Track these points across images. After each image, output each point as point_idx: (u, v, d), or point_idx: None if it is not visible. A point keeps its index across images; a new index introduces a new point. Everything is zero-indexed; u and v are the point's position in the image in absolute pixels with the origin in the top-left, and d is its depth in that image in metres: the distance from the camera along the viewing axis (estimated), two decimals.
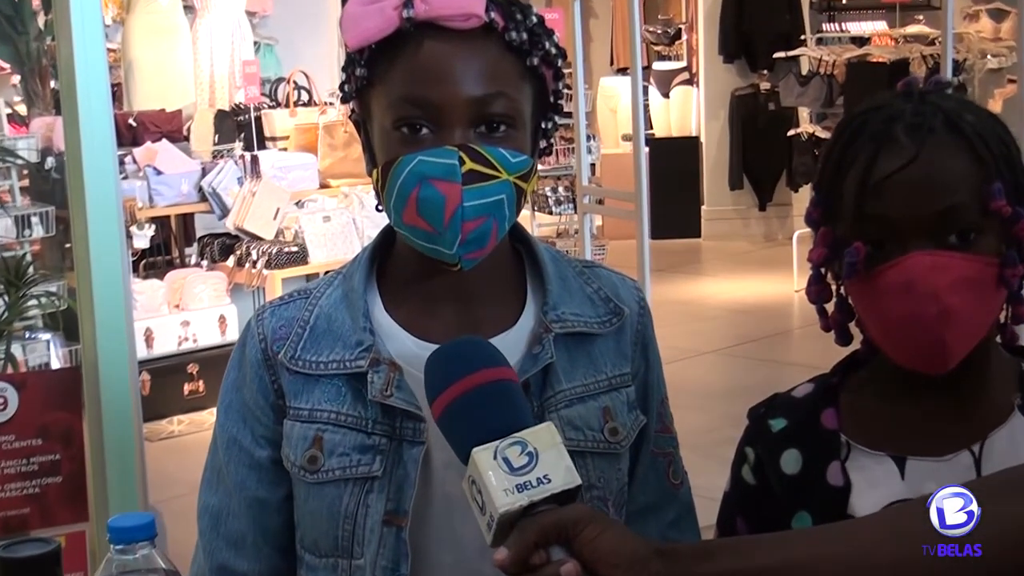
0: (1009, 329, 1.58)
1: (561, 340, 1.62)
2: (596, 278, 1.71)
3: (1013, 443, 1.53)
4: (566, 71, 1.64)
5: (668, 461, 1.75)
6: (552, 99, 1.61)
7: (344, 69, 1.59)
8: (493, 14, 1.51)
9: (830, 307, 1.63)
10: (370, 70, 1.55)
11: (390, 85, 1.53)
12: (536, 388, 1.60)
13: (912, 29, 10.30)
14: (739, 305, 9.50)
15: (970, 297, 1.46)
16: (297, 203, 7.72)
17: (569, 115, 7.55)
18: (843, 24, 11.21)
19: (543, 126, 1.62)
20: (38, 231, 7.30)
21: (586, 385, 1.64)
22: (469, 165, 1.48)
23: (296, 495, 1.63)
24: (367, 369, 1.58)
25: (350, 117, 1.66)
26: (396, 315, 1.63)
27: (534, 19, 1.55)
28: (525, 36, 1.53)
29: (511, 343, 1.58)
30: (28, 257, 6.68)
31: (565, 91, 1.65)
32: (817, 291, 1.61)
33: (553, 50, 1.57)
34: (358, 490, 1.57)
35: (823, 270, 1.60)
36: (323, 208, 7.75)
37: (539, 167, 7.30)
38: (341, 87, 1.62)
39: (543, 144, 1.63)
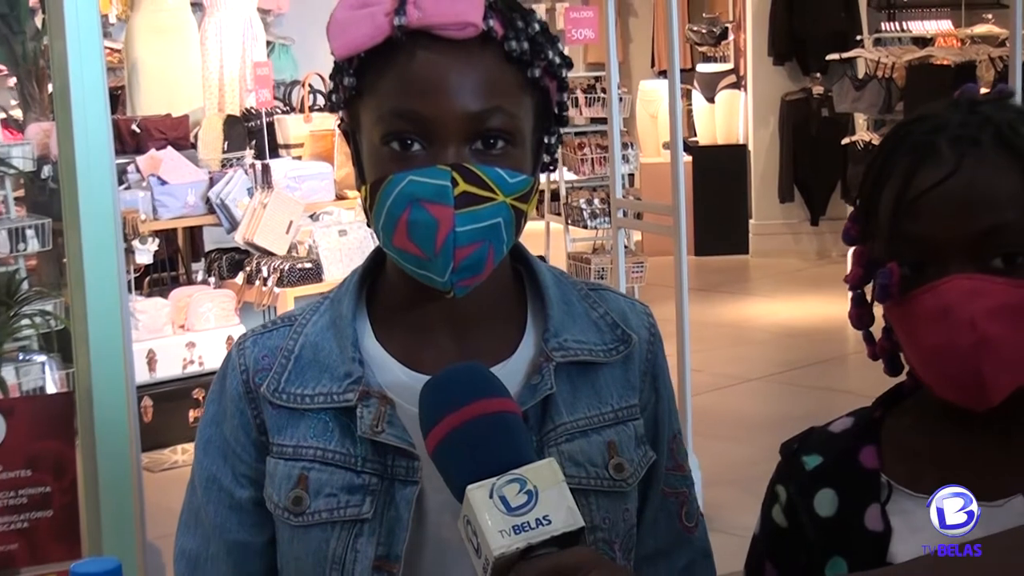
0: None
1: (563, 369, 1.62)
2: (603, 302, 1.70)
3: None
4: (600, 74, 1.63)
5: (681, 502, 1.73)
6: (556, 111, 1.61)
7: (331, 77, 1.59)
8: (492, 22, 1.51)
9: (879, 332, 1.61)
10: (359, 80, 1.54)
11: (380, 97, 1.52)
12: (535, 421, 1.59)
13: (980, 29, 10.30)
14: (789, 328, 9.49)
15: (1014, 327, 1.44)
16: (311, 216, 7.76)
17: (604, 121, 7.57)
18: (904, 23, 11.21)
19: (545, 141, 1.61)
20: (33, 245, 7.34)
21: (589, 418, 1.63)
22: (463, 187, 1.48)
23: (279, 538, 1.62)
24: (356, 403, 1.57)
25: (339, 126, 1.65)
26: (387, 344, 1.63)
27: (536, 27, 1.55)
28: (526, 46, 1.53)
29: (510, 373, 1.58)
30: (22, 273, 6.73)
31: (601, 95, 1.63)
32: (859, 315, 1.60)
33: (557, 60, 1.57)
34: (346, 534, 1.57)
35: (865, 292, 1.59)
36: (339, 221, 7.78)
37: (574, 177, 7.33)
38: (328, 96, 1.62)
39: (546, 159, 1.63)
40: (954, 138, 1.47)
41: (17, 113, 8.88)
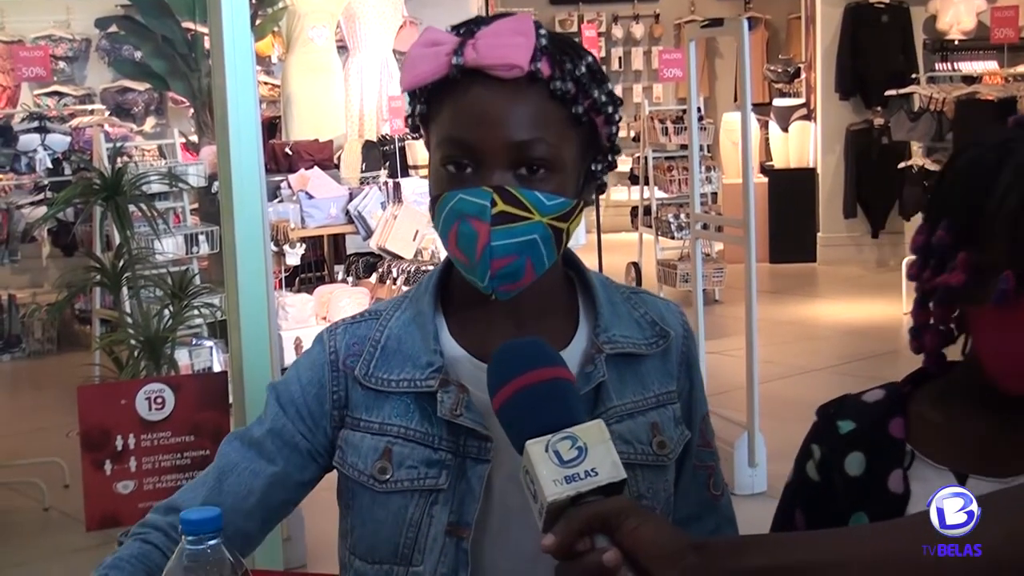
0: None
1: (612, 360, 1.60)
2: (642, 303, 1.69)
3: None
4: (679, 107, 1.57)
5: (709, 473, 1.72)
6: (606, 144, 1.58)
7: (409, 104, 1.59)
8: (540, 64, 1.48)
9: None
10: (428, 108, 1.54)
11: (440, 125, 1.52)
12: (588, 405, 1.56)
13: (1022, 68, 10.05)
14: (850, 326, 9.36)
15: None
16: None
17: (687, 147, 7.56)
18: (955, 64, 10.96)
19: (593, 168, 1.58)
20: (204, 248, 7.50)
21: (635, 402, 1.62)
22: (501, 207, 1.47)
23: (360, 504, 1.60)
24: (437, 389, 1.56)
25: (425, 143, 1.63)
26: (459, 338, 1.61)
27: (584, 68, 1.51)
28: (571, 86, 1.50)
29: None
30: (193, 270, 6.88)
31: (675, 125, 1.57)
32: (924, 315, 1.54)
33: (603, 98, 1.53)
34: (423, 501, 1.56)
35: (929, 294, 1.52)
36: None
37: (663, 195, 7.25)
38: (405, 120, 1.63)
39: (598, 183, 1.61)
40: None
41: (194, 138, 9.07)
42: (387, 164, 8.33)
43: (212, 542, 1.23)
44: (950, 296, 1.48)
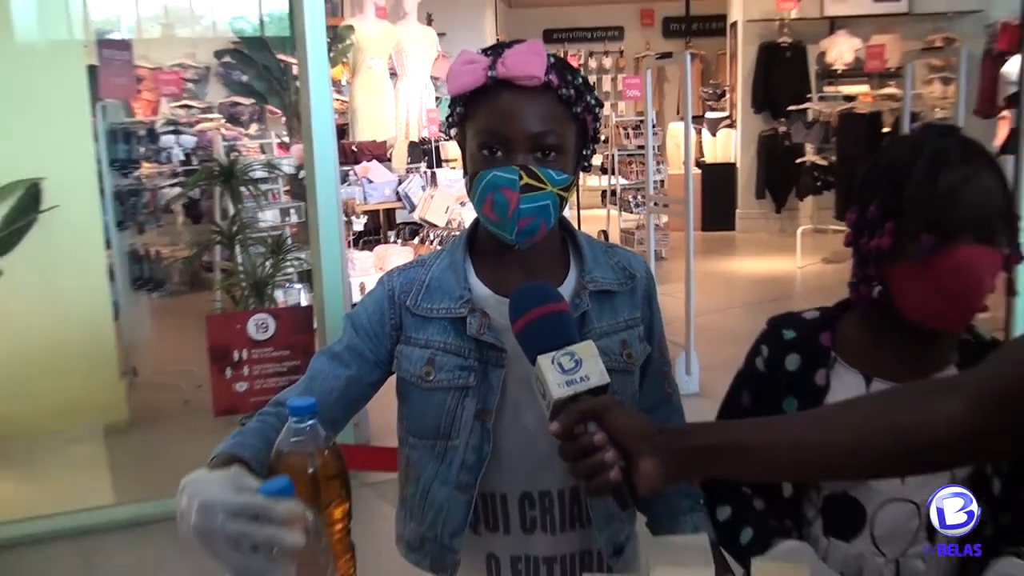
0: None
1: (593, 295, 1.60)
2: (616, 254, 1.68)
3: None
4: (643, 118, 1.54)
5: (663, 377, 1.71)
6: (592, 135, 1.57)
7: (450, 106, 1.57)
8: (551, 76, 1.48)
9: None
10: (466, 109, 1.53)
11: (477, 121, 1.50)
12: (576, 328, 1.53)
13: (886, 91, 10.01)
14: (759, 276, 9.35)
15: (993, 279, 1.40)
16: (461, 203, 7.78)
17: (643, 147, 7.54)
18: (838, 87, 10.91)
19: (584, 152, 1.58)
20: (294, 218, 7.49)
21: (610, 325, 1.61)
22: (525, 180, 1.46)
23: (412, 397, 1.59)
24: (467, 315, 1.56)
25: (455, 138, 1.62)
26: (484, 280, 1.60)
27: (580, 80, 1.51)
28: (572, 92, 1.49)
29: None
30: (285, 234, 6.89)
31: (634, 131, 1.53)
32: (861, 271, 1.52)
33: (593, 102, 1.53)
34: (458, 395, 1.56)
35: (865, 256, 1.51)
36: None
37: (625, 182, 7.19)
38: (446, 119, 1.59)
39: (586, 164, 1.59)
40: (963, 154, 1.40)
41: (286, 139, 9.05)
42: (426, 158, 8.28)
43: (311, 421, 1.24)
44: (881, 256, 1.47)
